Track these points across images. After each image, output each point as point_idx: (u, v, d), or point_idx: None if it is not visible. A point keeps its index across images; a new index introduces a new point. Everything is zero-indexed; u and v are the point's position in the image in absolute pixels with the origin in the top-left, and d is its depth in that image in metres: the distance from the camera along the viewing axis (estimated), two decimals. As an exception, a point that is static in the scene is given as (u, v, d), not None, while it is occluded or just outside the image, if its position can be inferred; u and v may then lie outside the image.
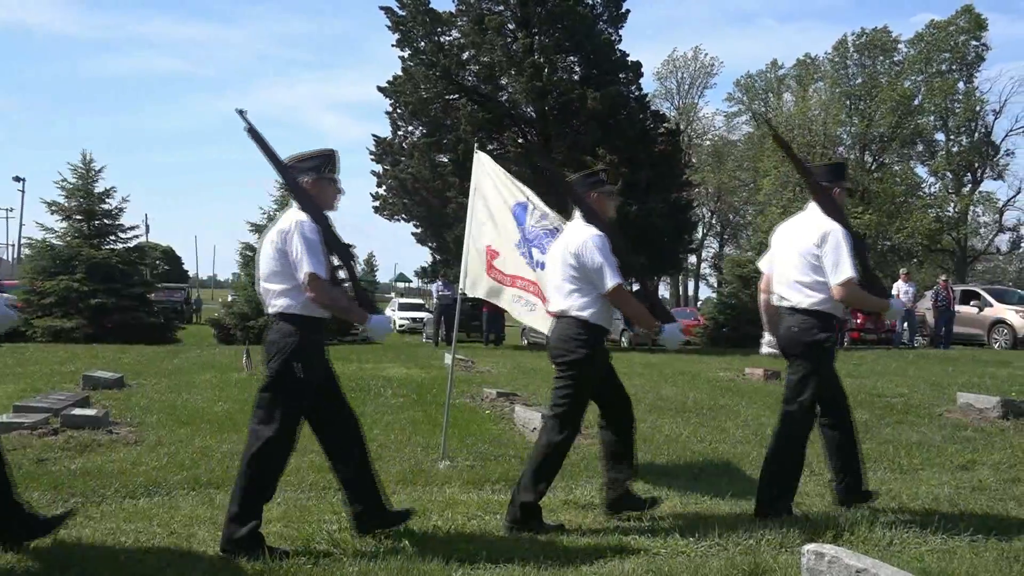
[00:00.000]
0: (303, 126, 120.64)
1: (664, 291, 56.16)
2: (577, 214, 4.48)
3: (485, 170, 6.20)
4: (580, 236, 4.33)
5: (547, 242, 5.47)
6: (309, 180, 4.02)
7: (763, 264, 4.75)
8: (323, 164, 4.08)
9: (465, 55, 23.56)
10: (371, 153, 24.52)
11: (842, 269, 4.26)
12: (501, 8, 23.42)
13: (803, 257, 4.38)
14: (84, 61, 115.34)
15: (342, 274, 4.32)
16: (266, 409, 3.86)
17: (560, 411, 4.34)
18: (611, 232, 4.38)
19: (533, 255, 5.73)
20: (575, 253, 4.29)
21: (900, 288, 19.87)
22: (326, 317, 3.97)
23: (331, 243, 3.97)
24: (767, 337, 4.76)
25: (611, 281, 4.22)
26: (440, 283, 21.75)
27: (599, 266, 4.23)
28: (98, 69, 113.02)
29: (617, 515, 4.50)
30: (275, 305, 3.91)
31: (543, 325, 5.47)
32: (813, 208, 4.49)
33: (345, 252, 4.14)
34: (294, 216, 3.91)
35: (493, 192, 6.10)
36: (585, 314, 4.28)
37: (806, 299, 4.37)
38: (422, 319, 28.94)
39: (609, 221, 4.48)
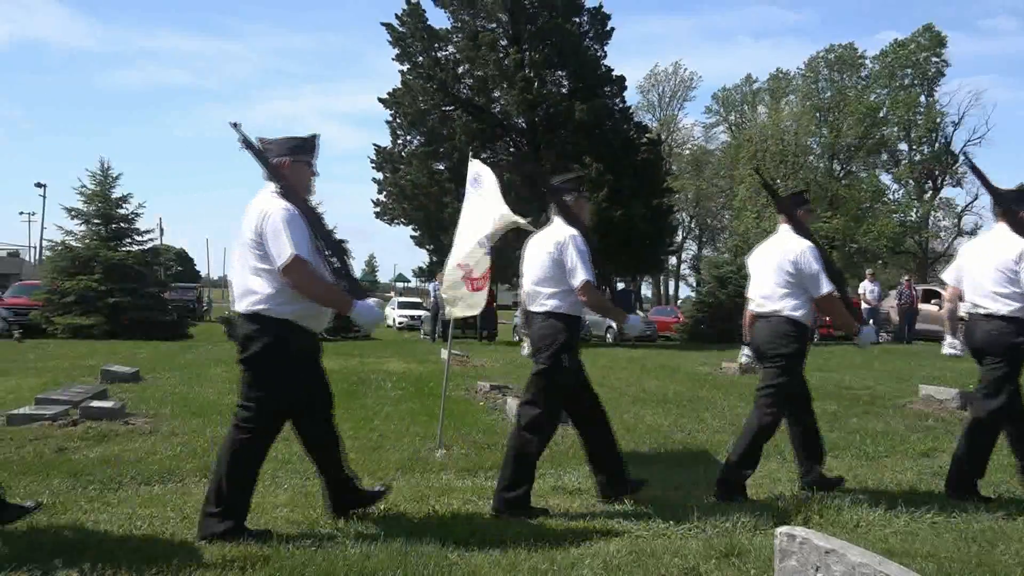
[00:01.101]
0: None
1: (646, 290, 56.30)
2: (784, 227, 4.75)
3: (477, 174, 6.19)
4: (798, 246, 4.59)
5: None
6: (572, 199, 4.45)
7: (948, 277, 5.05)
8: (581, 184, 4.58)
9: (460, 69, 23.53)
10: (372, 161, 24.48)
11: None
12: (494, 26, 23.40)
13: (1000, 271, 4.63)
14: (98, 74, 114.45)
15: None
16: (535, 393, 4.26)
17: (772, 397, 4.56)
18: (819, 243, 4.69)
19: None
20: (793, 261, 4.55)
21: (866, 287, 19.96)
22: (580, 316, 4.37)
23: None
24: (949, 339, 5.08)
25: (825, 288, 4.51)
26: (437, 283, 21.66)
27: (815, 273, 4.51)
28: (112, 82, 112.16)
29: (820, 490, 4.58)
30: (545, 305, 4.29)
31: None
32: (1003, 227, 4.73)
33: (599, 260, 4.45)
34: (566, 230, 4.31)
35: (481, 195, 6.08)
36: (797, 314, 4.54)
37: (1004, 307, 4.60)
38: (420, 317, 28.86)
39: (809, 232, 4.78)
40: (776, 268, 4.61)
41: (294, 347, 3.66)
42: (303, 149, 3.82)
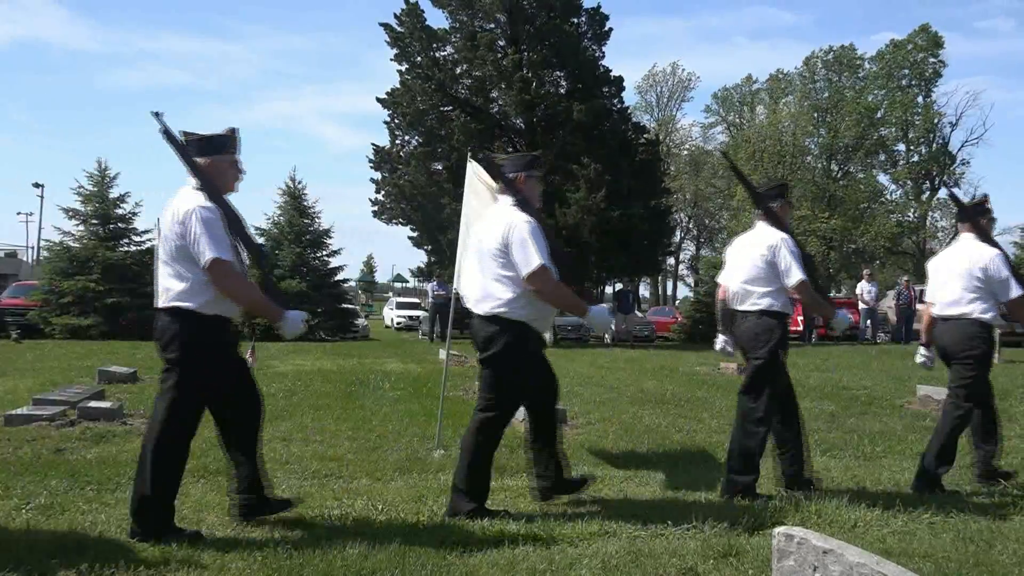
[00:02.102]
0: (305, 136, 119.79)
1: (644, 290, 56.29)
2: (966, 235, 4.99)
3: (476, 176, 6.19)
4: (987, 253, 4.82)
5: None
6: (778, 206, 4.74)
7: None
8: (783, 191, 4.87)
9: (459, 70, 23.54)
10: (370, 161, 24.49)
11: None
12: (492, 26, 23.42)
13: None
14: (98, 75, 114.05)
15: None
16: (754, 388, 4.53)
17: (965, 392, 4.85)
18: (1002, 248, 4.93)
19: None
20: (983, 268, 4.77)
21: (863, 288, 19.99)
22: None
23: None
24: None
25: (1015, 292, 4.72)
26: (435, 283, 21.71)
27: (1005, 278, 4.74)
28: (112, 82, 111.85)
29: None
30: (759, 304, 4.58)
31: None
32: None
33: (810, 261, 4.70)
34: (777, 234, 4.59)
35: (483, 195, 6.09)
36: (986, 317, 4.78)
37: None
38: (418, 317, 28.83)
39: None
40: (964, 274, 4.82)
41: (531, 346, 4.05)
42: (535, 164, 4.28)
